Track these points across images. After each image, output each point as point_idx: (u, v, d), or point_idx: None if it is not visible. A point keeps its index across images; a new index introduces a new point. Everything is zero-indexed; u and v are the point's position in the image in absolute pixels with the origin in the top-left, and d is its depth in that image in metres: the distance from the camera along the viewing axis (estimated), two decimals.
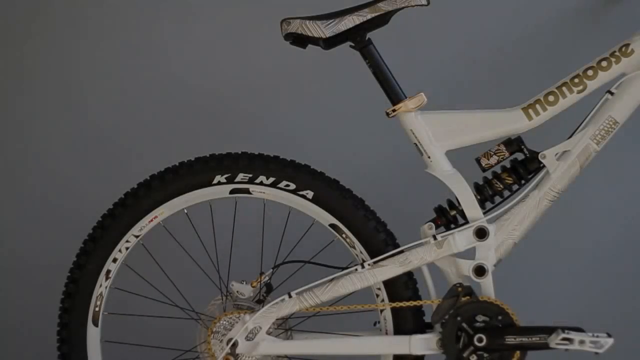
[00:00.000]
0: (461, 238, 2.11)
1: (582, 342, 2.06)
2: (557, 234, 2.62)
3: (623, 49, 2.11)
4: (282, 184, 2.15)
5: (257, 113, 2.63)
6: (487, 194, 2.15)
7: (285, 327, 2.19)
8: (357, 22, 2.09)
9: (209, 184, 2.16)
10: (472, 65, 2.56)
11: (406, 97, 2.11)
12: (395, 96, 2.12)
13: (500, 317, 2.10)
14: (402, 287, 2.16)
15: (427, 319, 2.16)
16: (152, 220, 2.19)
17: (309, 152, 2.36)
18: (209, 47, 2.66)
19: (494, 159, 2.14)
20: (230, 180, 2.16)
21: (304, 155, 2.22)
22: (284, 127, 2.64)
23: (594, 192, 2.58)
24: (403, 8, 2.09)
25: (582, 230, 2.64)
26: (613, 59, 2.11)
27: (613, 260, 2.63)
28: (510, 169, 2.15)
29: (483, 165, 2.14)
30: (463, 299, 2.11)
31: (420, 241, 2.13)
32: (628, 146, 2.53)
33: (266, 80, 2.62)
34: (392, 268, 2.12)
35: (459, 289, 2.12)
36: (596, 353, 2.07)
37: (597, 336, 2.07)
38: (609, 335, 2.07)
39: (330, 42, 2.12)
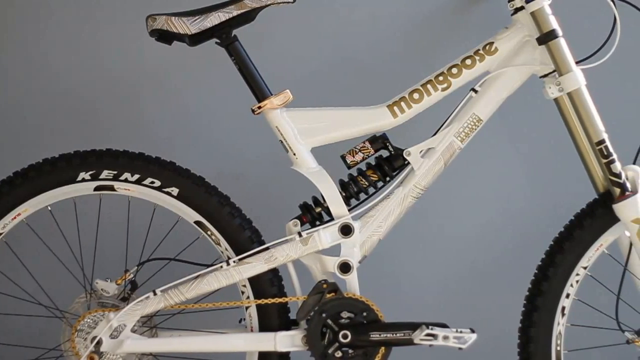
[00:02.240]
0: (326, 235, 2.12)
1: (446, 337, 2.09)
2: (423, 230, 2.64)
3: (487, 47, 2.14)
4: (147, 181, 2.14)
5: (122, 110, 2.59)
6: (352, 190, 2.16)
7: (150, 325, 2.18)
8: (223, 19, 2.08)
9: (73, 181, 2.13)
10: (338, 62, 2.56)
11: (272, 94, 2.11)
12: (260, 93, 2.12)
13: (365, 314, 2.11)
14: (268, 284, 2.16)
15: (293, 315, 2.16)
16: (15, 218, 2.15)
17: (174, 149, 2.35)
18: (72, 44, 2.59)
19: (359, 156, 2.16)
20: (94, 177, 2.13)
21: (169, 153, 2.21)
22: (149, 124, 2.59)
23: (457, 190, 2.60)
24: (269, 5, 2.09)
25: (446, 228, 2.66)
26: (477, 57, 2.14)
27: (477, 258, 2.65)
28: (375, 166, 2.17)
29: (348, 162, 2.16)
30: (328, 295, 2.12)
31: (285, 238, 2.14)
32: (491, 143, 2.55)
33: (132, 77, 2.58)
34: (257, 265, 2.12)
35: (324, 285, 2.12)
36: (460, 348, 2.09)
37: (461, 332, 2.10)
38: (473, 331, 2.10)
39: (195, 39, 2.11)
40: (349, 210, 2.14)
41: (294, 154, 2.13)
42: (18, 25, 2.60)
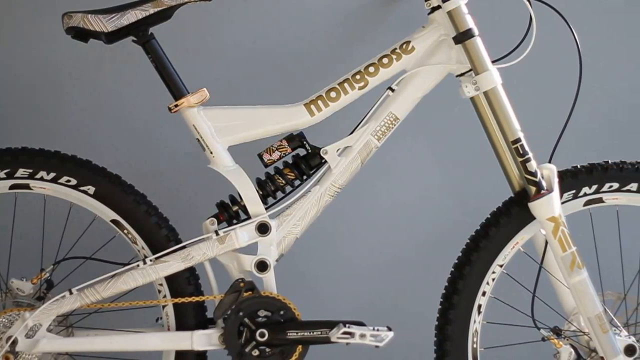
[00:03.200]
0: (243, 233, 2.12)
1: (363, 335, 2.10)
2: (340, 229, 2.65)
3: (404, 46, 2.15)
4: (63, 180, 2.13)
5: (39, 109, 2.57)
6: (269, 189, 2.16)
7: (66, 324, 2.17)
8: (140, 17, 2.07)
9: None
10: (256, 60, 2.55)
11: (189, 93, 2.11)
12: (177, 91, 2.12)
13: (282, 312, 2.12)
14: (184, 282, 2.16)
15: (210, 314, 2.16)
16: None
17: (90, 148, 2.34)
18: None
19: (276, 155, 2.16)
20: (10, 176, 2.12)
21: (86, 151, 2.20)
22: (66, 123, 2.58)
23: (373, 189, 2.61)
24: (185, 3, 2.08)
25: (363, 227, 2.67)
26: (394, 56, 2.15)
27: (394, 256, 2.67)
28: (292, 165, 2.17)
29: (265, 160, 2.16)
30: (245, 294, 2.12)
31: (202, 237, 2.13)
32: (407, 142, 2.57)
33: (48, 75, 2.55)
34: (174, 264, 2.11)
35: (241, 284, 2.12)
36: (377, 346, 2.10)
37: (378, 330, 2.10)
38: (389, 329, 2.11)
39: (112, 37, 2.10)
40: (266, 208, 2.14)
41: (211, 153, 2.13)
42: None
